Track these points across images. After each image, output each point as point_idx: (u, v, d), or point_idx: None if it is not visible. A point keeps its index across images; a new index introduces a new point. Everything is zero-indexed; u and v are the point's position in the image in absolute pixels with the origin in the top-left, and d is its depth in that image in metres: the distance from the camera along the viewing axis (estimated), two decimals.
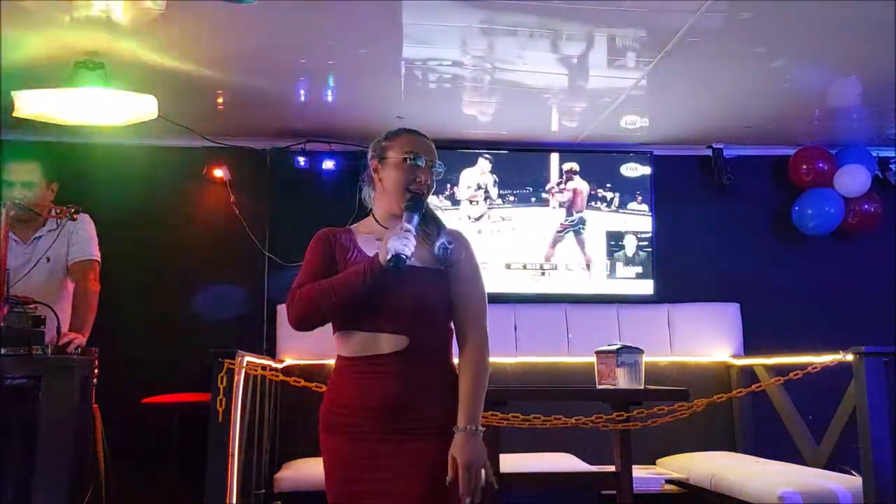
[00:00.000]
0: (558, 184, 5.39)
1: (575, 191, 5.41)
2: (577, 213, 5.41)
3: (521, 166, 5.41)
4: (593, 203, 5.43)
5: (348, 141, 5.23)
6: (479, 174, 5.37)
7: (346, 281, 2.19)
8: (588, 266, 5.40)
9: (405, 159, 2.30)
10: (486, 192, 5.37)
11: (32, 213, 3.56)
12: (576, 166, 5.42)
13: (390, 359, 2.20)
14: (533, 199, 5.39)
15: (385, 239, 2.17)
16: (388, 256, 2.13)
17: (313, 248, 2.33)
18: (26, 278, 3.48)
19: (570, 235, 5.41)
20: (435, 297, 2.26)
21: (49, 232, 3.64)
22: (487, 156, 5.38)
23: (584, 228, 5.41)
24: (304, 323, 2.24)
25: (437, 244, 2.28)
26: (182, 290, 5.12)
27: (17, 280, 3.39)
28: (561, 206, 5.41)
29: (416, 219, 2.23)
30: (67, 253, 3.65)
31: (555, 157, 5.43)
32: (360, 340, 2.23)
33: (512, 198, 5.38)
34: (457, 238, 2.34)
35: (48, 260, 3.59)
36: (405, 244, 2.14)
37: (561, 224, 5.41)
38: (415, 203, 2.25)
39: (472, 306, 2.30)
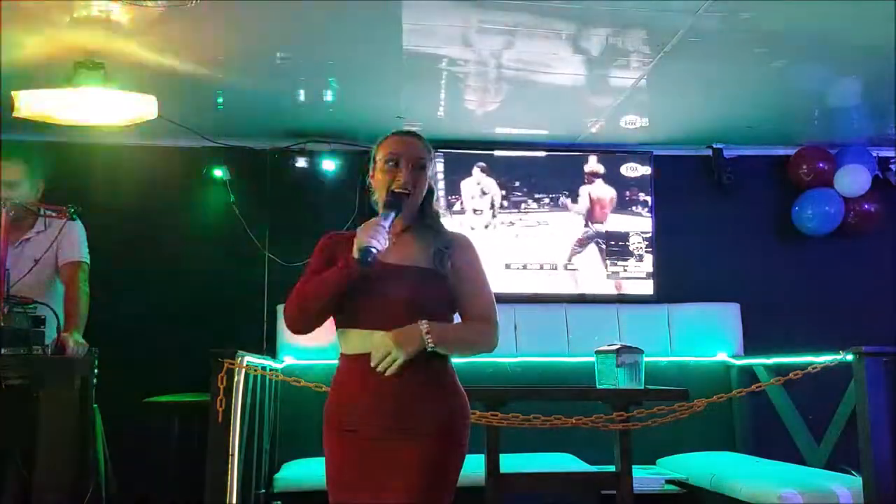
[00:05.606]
0: (578, 187, 5.41)
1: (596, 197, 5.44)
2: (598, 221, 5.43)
3: (522, 166, 5.40)
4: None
5: (348, 141, 5.22)
6: (482, 175, 5.37)
7: (324, 279, 2.24)
8: (605, 268, 5.40)
9: (386, 161, 2.33)
10: (485, 191, 5.36)
11: (27, 213, 3.54)
12: (600, 168, 5.43)
13: None
14: (533, 199, 5.39)
15: (357, 233, 2.20)
16: (357, 249, 2.16)
17: (315, 255, 2.37)
18: (15, 280, 3.45)
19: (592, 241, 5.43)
20: (431, 297, 2.26)
21: (37, 234, 3.60)
22: (490, 155, 5.38)
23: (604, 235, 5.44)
24: (295, 324, 2.28)
25: (434, 248, 2.29)
26: (182, 290, 5.12)
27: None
28: (578, 214, 5.43)
29: (391, 217, 2.25)
30: (57, 255, 3.62)
31: (555, 159, 5.43)
32: (358, 338, 2.24)
33: (512, 198, 5.38)
34: (459, 242, 2.35)
35: (35, 262, 3.55)
36: (374, 237, 2.16)
37: (584, 230, 5.41)
38: (392, 201, 2.26)
39: (478, 305, 2.31)
